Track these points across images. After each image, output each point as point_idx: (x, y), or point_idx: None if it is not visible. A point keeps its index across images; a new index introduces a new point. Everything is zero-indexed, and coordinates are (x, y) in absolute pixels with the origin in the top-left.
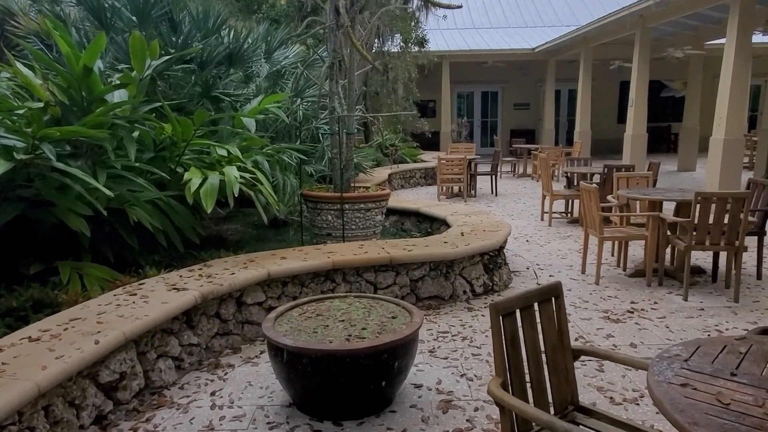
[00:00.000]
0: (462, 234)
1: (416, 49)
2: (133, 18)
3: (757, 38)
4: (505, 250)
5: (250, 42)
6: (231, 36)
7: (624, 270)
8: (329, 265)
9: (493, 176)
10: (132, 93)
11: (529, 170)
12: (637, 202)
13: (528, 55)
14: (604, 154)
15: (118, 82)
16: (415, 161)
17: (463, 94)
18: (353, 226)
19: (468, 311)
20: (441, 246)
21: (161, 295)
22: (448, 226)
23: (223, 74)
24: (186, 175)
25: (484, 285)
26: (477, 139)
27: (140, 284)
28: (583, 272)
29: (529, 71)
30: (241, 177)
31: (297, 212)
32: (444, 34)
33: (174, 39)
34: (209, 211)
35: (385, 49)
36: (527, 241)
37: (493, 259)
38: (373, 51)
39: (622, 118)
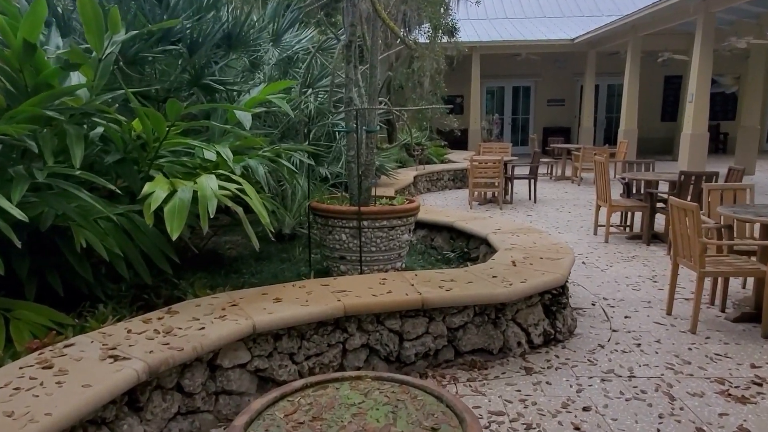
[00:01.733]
0: (513, 263)
1: (445, 39)
2: None
3: None
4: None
5: (255, 20)
6: (230, 13)
7: (722, 310)
8: (339, 312)
9: (532, 180)
10: (88, 77)
11: (568, 172)
12: (746, 224)
13: (566, 46)
14: (649, 154)
15: (58, 61)
16: (442, 161)
17: (493, 89)
18: (373, 248)
19: (526, 374)
20: (489, 282)
21: (89, 369)
22: (489, 246)
23: (221, 59)
24: (147, 187)
25: (543, 333)
26: (507, 138)
27: (66, 345)
28: (669, 313)
29: (565, 64)
30: (225, 188)
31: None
32: (474, 24)
33: (159, 14)
34: (174, 237)
35: (412, 37)
36: (584, 263)
37: (556, 299)
38: (398, 40)
39: (666, 116)
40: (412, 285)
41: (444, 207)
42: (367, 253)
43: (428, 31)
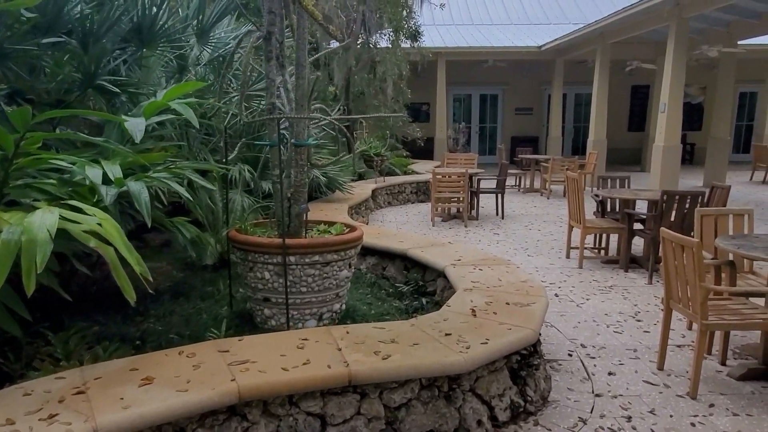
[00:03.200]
0: (473, 312)
1: (408, 43)
2: None
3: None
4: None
5: (172, 10)
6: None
7: (722, 363)
8: (231, 398)
9: (500, 195)
10: None
11: (537, 184)
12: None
13: (533, 54)
14: (618, 165)
15: None
16: (405, 173)
17: (460, 97)
18: (304, 288)
19: None
20: (440, 345)
21: None
22: (446, 280)
23: (131, 56)
24: None
25: (510, 406)
26: (474, 147)
27: None
28: (661, 367)
29: (532, 72)
30: (78, 222)
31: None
32: (439, 29)
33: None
34: None
35: (373, 40)
36: (557, 295)
37: (525, 361)
38: (359, 42)
39: (633, 126)
40: (340, 350)
41: (404, 223)
42: (297, 294)
43: (390, 35)
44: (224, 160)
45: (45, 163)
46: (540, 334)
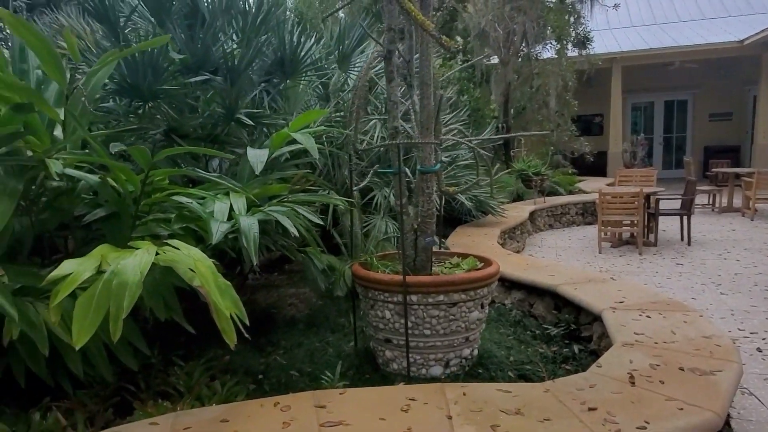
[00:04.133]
0: (631, 379)
1: (576, 52)
2: (152, 19)
3: None
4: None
5: (315, 40)
6: (285, 33)
7: None
8: None
9: (685, 217)
10: (53, 117)
11: (737, 202)
12: None
13: (733, 50)
14: None
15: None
16: (571, 192)
17: (640, 105)
18: (428, 331)
19: None
20: (579, 425)
21: None
22: (603, 325)
23: (274, 88)
24: (60, 268)
25: None
26: (657, 161)
27: None
28: None
29: (730, 72)
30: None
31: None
32: (614, 33)
33: (193, 38)
34: (79, 345)
35: (535, 52)
36: (759, 350)
37: None
38: (519, 56)
39: None
40: (450, 418)
41: (565, 249)
42: (420, 337)
43: (553, 45)
44: (351, 190)
45: (168, 200)
46: (729, 417)
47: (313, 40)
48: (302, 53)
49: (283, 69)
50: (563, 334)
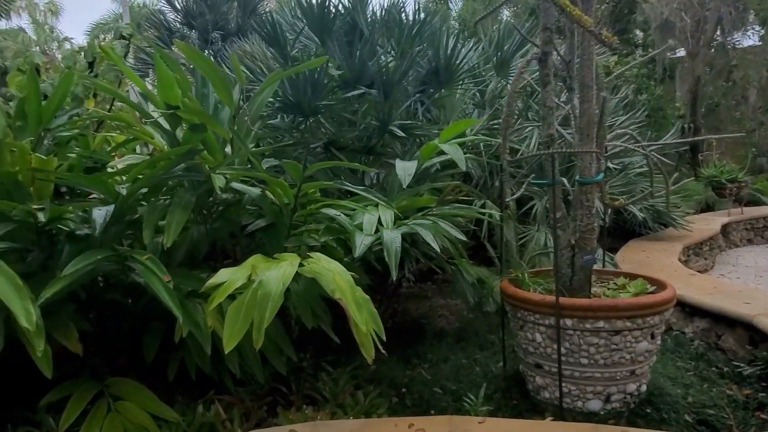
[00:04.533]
0: None
1: None
2: (315, 39)
3: None
4: None
5: (472, 47)
6: (440, 42)
7: None
8: None
9: None
10: (220, 134)
11: None
12: None
13: None
14: None
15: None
16: None
17: None
18: (584, 360)
19: None
20: None
21: None
22: None
23: (428, 98)
24: (216, 276)
25: None
26: None
27: None
28: None
29: None
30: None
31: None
32: None
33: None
34: (228, 349)
35: (731, 40)
36: None
37: None
38: (712, 46)
39: None
40: None
41: (765, 274)
42: (575, 366)
43: (755, 31)
44: (502, 201)
45: (319, 211)
46: None
47: (470, 46)
48: (458, 61)
49: (438, 78)
50: (760, 375)
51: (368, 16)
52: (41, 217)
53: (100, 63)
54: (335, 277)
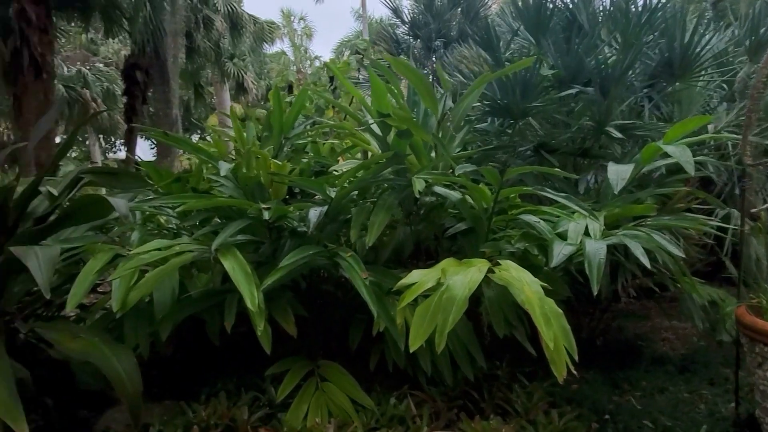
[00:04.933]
0: None
1: None
2: (530, 38)
3: None
4: None
5: (716, 31)
6: (675, 30)
7: None
8: None
9: None
10: (425, 139)
11: None
12: None
13: None
14: None
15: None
16: None
17: None
18: None
19: None
20: None
21: None
22: None
23: (660, 92)
24: (408, 276)
25: None
26: None
27: None
28: None
29: None
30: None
31: None
32: None
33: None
34: (414, 348)
35: None
36: None
37: None
38: None
39: None
40: None
41: None
42: None
43: None
44: (741, 213)
45: (518, 217)
46: None
47: (712, 31)
48: (698, 49)
49: (671, 70)
50: None
51: (590, 9)
52: (265, 215)
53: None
54: (524, 287)
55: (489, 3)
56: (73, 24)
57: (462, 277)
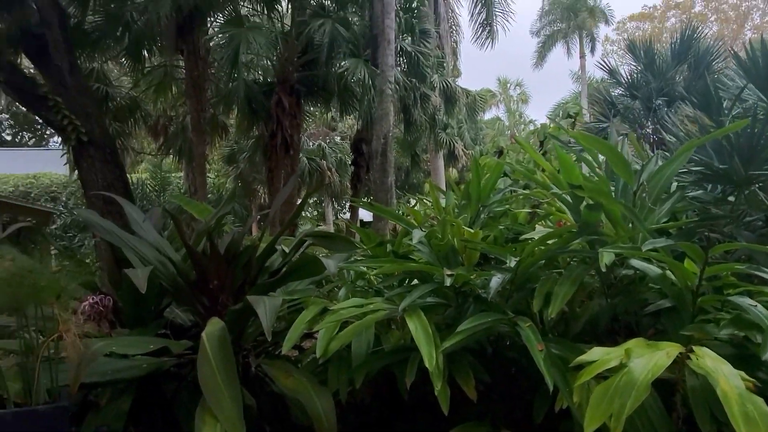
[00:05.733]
0: None
1: None
2: (762, 95)
3: None
4: None
5: None
6: None
7: None
8: None
9: None
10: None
11: None
12: None
13: None
14: None
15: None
16: None
17: None
18: None
19: None
20: None
21: None
22: None
23: None
24: (589, 353)
25: None
26: None
27: None
28: None
29: None
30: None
31: None
32: None
33: None
34: (588, 429)
35: None
36: None
37: None
38: None
39: None
40: None
41: None
42: None
43: None
44: None
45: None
46: None
47: None
48: None
49: None
50: None
51: None
52: (447, 281)
53: (547, 141)
54: (720, 380)
55: (723, 54)
56: (316, 107)
57: (645, 361)
